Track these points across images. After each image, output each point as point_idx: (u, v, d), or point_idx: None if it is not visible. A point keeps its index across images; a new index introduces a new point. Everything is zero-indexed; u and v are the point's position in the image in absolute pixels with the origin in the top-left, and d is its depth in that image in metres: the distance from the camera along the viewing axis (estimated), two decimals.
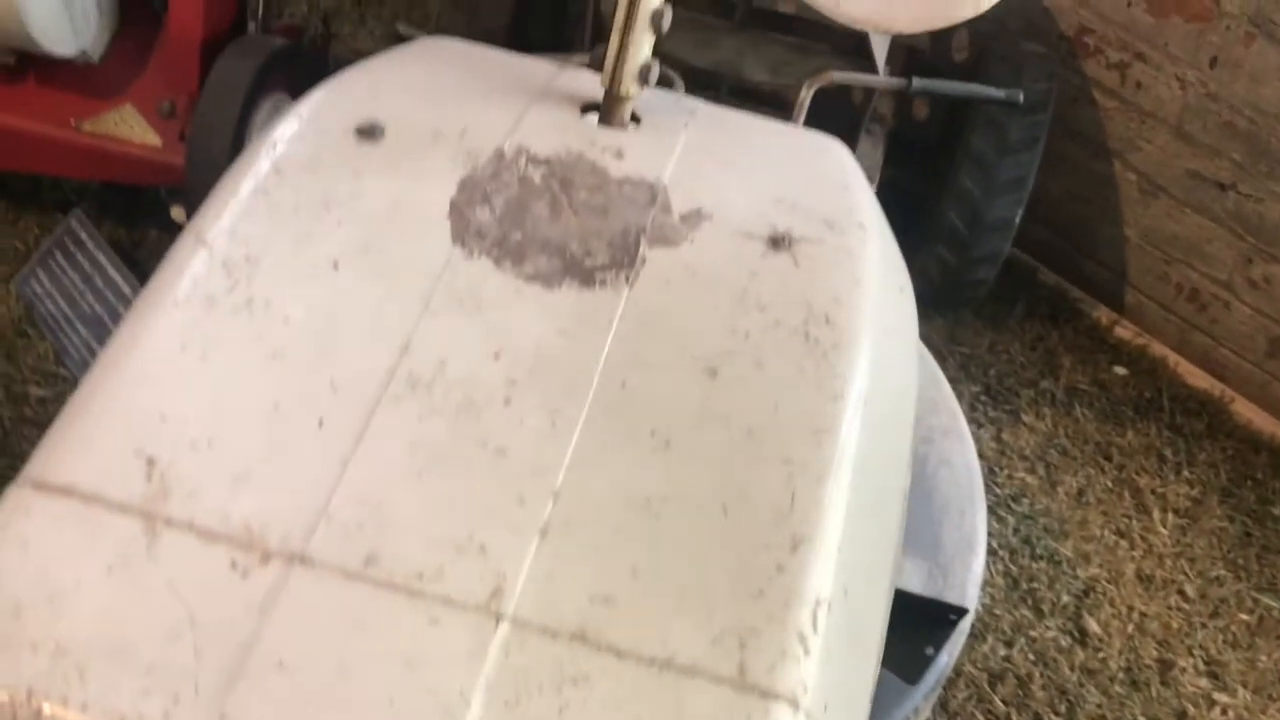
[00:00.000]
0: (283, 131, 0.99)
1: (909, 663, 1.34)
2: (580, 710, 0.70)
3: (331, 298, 0.88)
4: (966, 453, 1.83)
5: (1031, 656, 1.84)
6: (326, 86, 1.05)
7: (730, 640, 0.74)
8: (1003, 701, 1.75)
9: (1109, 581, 1.96)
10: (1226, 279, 2.25)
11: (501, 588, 0.75)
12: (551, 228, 0.96)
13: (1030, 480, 2.08)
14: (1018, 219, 2.06)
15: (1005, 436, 2.14)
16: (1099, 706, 1.77)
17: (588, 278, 0.93)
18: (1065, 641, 1.87)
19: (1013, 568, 1.96)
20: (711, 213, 0.99)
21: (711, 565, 0.78)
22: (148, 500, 0.76)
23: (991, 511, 2.04)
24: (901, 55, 2.42)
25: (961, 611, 1.56)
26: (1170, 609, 1.94)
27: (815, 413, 0.86)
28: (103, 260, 2.06)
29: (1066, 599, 1.92)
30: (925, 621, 1.61)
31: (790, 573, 0.78)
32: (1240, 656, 1.87)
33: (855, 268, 0.97)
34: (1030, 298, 2.39)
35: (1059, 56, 2.20)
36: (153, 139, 2.04)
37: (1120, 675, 1.82)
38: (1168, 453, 2.16)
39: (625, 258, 0.94)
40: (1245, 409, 2.27)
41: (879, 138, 2.03)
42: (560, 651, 0.72)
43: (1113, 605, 1.93)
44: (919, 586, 1.70)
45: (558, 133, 1.03)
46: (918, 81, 1.72)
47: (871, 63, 1.96)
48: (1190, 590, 1.97)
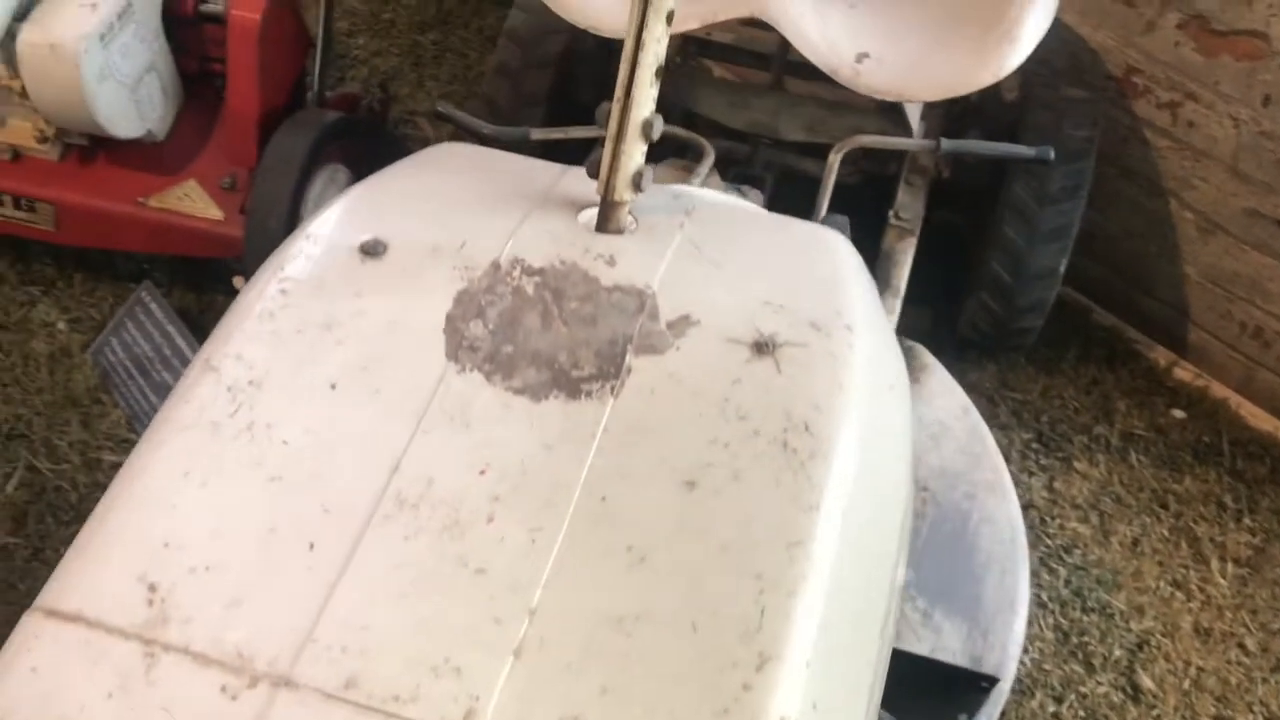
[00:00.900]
0: (291, 252, 1.05)
1: None
2: None
3: (328, 419, 0.93)
4: (1010, 509, 1.83)
5: (1082, 713, 1.82)
6: (336, 205, 1.10)
7: None
8: None
9: (1164, 635, 1.93)
10: None
11: (474, 709, 0.79)
12: (542, 339, 1.00)
13: (1083, 530, 2.06)
14: (1062, 268, 2.04)
15: (1057, 485, 2.11)
16: None
17: (574, 390, 0.97)
18: (1117, 698, 1.84)
19: (1063, 621, 1.93)
20: (699, 318, 1.02)
21: (680, 684, 0.81)
22: (148, 626, 0.82)
23: (1042, 563, 2.02)
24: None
25: (993, 680, 1.56)
26: (1229, 663, 1.90)
27: (788, 525, 0.88)
28: (171, 330, 2.16)
29: (1119, 653, 1.90)
30: (959, 688, 1.61)
31: (757, 691, 0.80)
32: None
33: (838, 372, 0.99)
34: (1085, 340, 2.36)
35: (1105, 99, 2.17)
36: (215, 212, 2.14)
37: None
38: (1228, 499, 2.11)
39: (611, 368, 0.98)
40: None
41: (920, 188, 2.03)
42: None
43: (1168, 660, 1.90)
44: (958, 647, 1.71)
45: (553, 241, 1.07)
46: (946, 143, 1.73)
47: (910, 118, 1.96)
48: (1251, 644, 1.93)
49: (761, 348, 1.00)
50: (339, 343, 0.98)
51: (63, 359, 2.21)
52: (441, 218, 1.09)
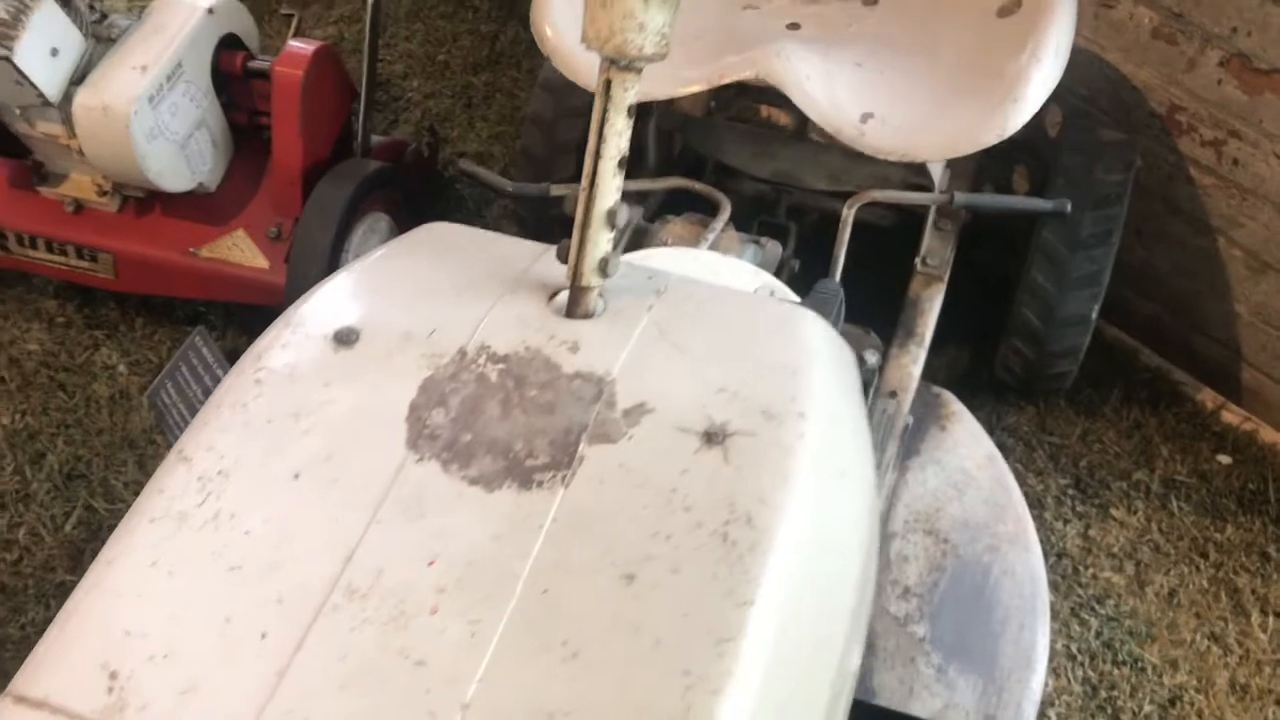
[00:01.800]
0: (268, 341, 1.10)
1: None
2: None
3: (290, 509, 0.98)
4: (1032, 562, 1.81)
5: None
6: (316, 292, 1.15)
7: None
8: None
9: (1198, 690, 1.88)
10: None
11: None
12: (500, 427, 1.03)
13: (1117, 579, 2.02)
14: (1094, 314, 2.00)
15: (1093, 532, 2.08)
16: None
17: (527, 479, 1.00)
18: None
19: (1092, 674, 1.91)
20: (654, 406, 1.04)
21: None
22: (106, 713, 0.87)
23: (1073, 613, 1.99)
24: None
25: None
26: None
27: (720, 621, 0.90)
28: (220, 374, 2.23)
29: (1149, 709, 1.86)
30: None
31: None
32: None
33: (785, 463, 1.00)
34: (1129, 382, 2.31)
35: (1142, 141, 2.14)
36: (261, 262, 2.22)
37: None
38: (1272, 550, 2.06)
39: (565, 457, 1.00)
40: None
41: (949, 233, 2.01)
42: None
43: (1200, 717, 1.85)
44: (971, 705, 1.70)
45: (520, 327, 1.10)
46: (959, 197, 1.73)
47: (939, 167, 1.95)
48: None
49: (712, 437, 1.01)
50: (305, 433, 1.02)
51: (122, 401, 2.32)
52: (415, 304, 1.13)
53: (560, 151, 2.13)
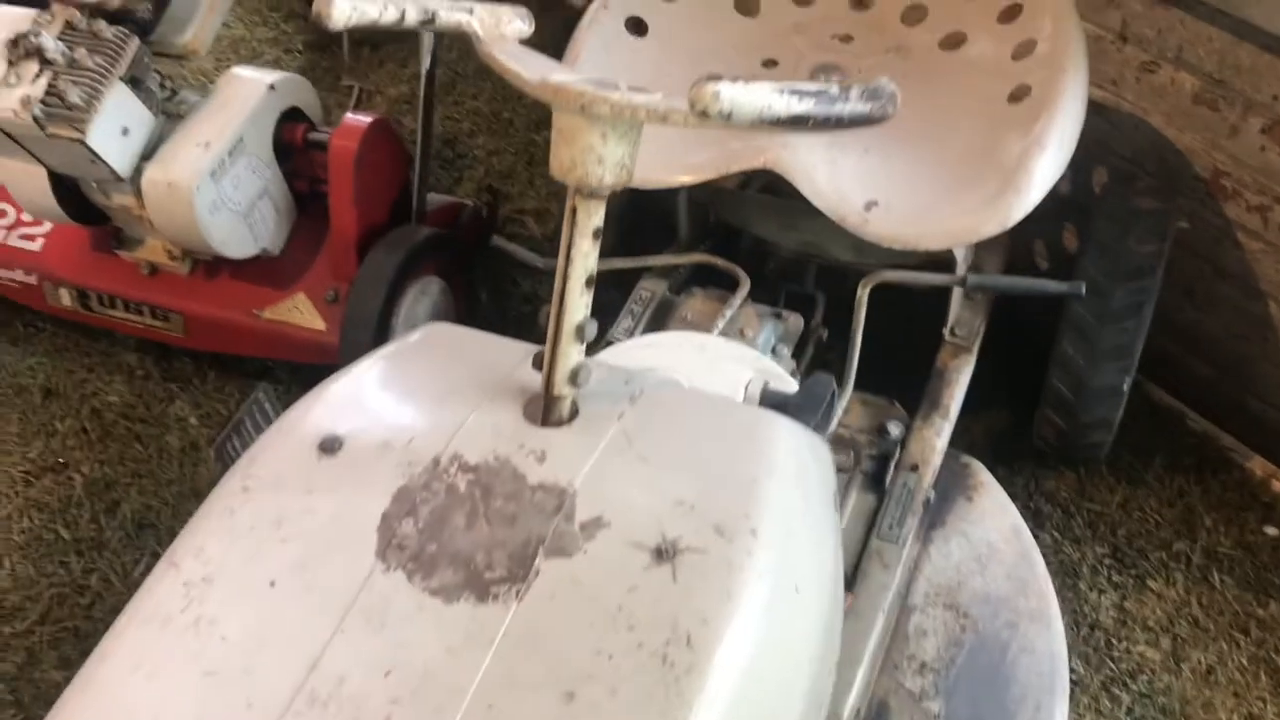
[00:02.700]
0: (260, 446, 1.17)
1: None
2: None
3: (265, 615, 1.05)
4: (1053, 640, 1.81)
5: None
6: (305, 399, 1.23)
7: None
8: None
9: None
10: None
11: None
12: (464, 538, 1.09)
13: (1152, 654, 1.99)
14: (1126, 386, 1.98)
15: (1129, 605, 2.06)
16: None
17: (484, 592, 1.05)
18: None
19: None
20: (610, 519, 1.09)
21: None
22: None
23: (1104, 688, 1.97)
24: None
25: None
26: None
27: None
28: None
29: None
30: None
31: None
32: None
33: (731, 581, 1.04)
34: (1174, 448, 2.28)
35: (1183, 207, 2.10)
36: (319, 324, 2.33)
37: None
38: None
39: (521, 570, 1.06)
40: None
41: (979, 303, 2.02)
42: None
43: None
44: None
45: (493, 436, 1.16)
46: (972, 278, 1.74)
47: None
48: None
49: (662, 554, 1.06)
50: (284, 540, 1.10)
51: (191, 453, 2.45)
52: (399, 412, 1.20)
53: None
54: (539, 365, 1.19)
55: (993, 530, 1.92)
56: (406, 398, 1.22)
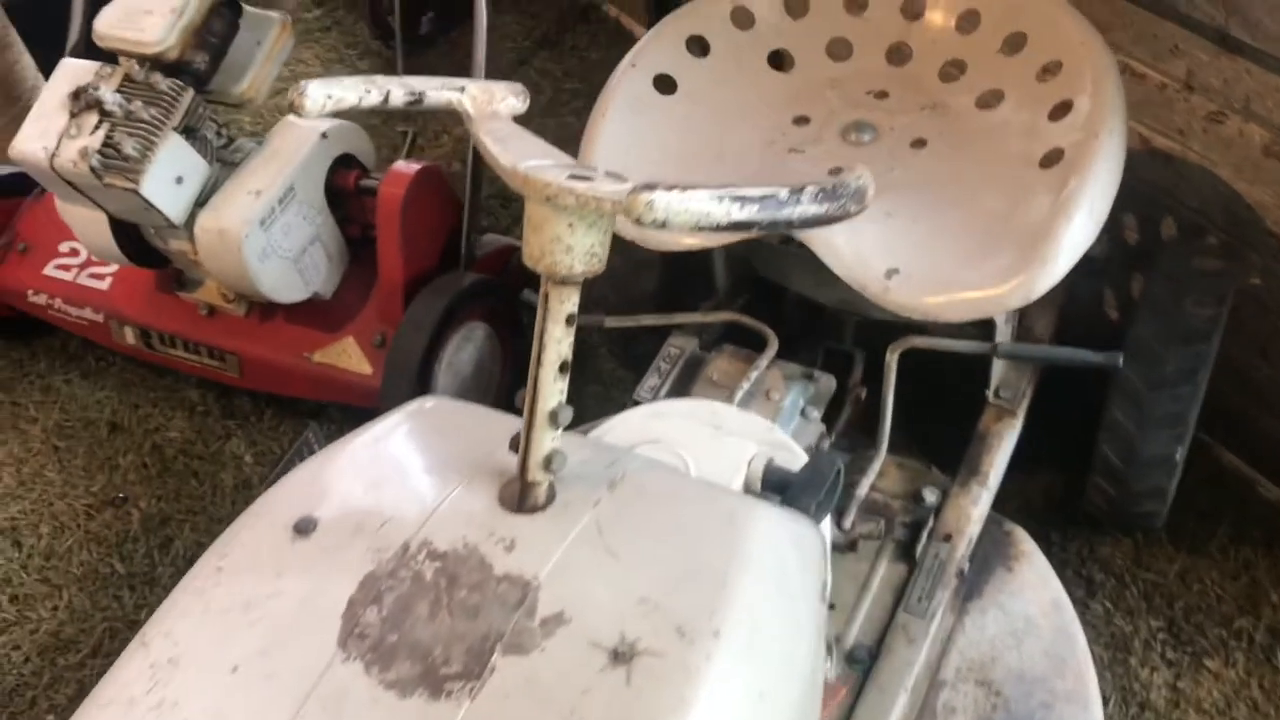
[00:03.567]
0: (236, 527, 1.18)
1: None
2: None
3: (225, 701, 1.05)
4: None
5: None
6: (287, 478, 1.23)
7: None
8: None
9: None
10: None
11: None
12: (425, 629, 1.08)
13: None
14: (1179, 456, 1.88)
15: (1183, 684, 1.95)
16: None
17: (438, 688, 1.04)
18: None
19: None
20: (572, 616, 1.06)
21: None
22: None
23: None
24: (1104, 239, 2.31)
25: None
26: None
27: None
28: None
29: None
30: None
31: None
32: None
33: (685, 688, 1.01)
34: (1241, 517, 2.16)
35: (1252, 263, 2.00)
36: (366, 368, 2.35)
37: None
38: None
39: (477, 667, 1.04)
40: None
41: (1026, 365, 1.94)
42: None
43: None
44: None
45: (464, 523, 1.15)
46: (1002, 347, 1.68)
47: None
48: None
49: (619, 655, 1.03)
50: (251, 624, 1.10)
51: (244, 490, 2.50)
52: (376, 493, 1.19)
53: (641, 302, 2.14)
54: (515, 447, 1.17)
55: (1032, 603, 1.85)
56: (386, 478, 1.22)
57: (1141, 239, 2.31)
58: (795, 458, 1.49)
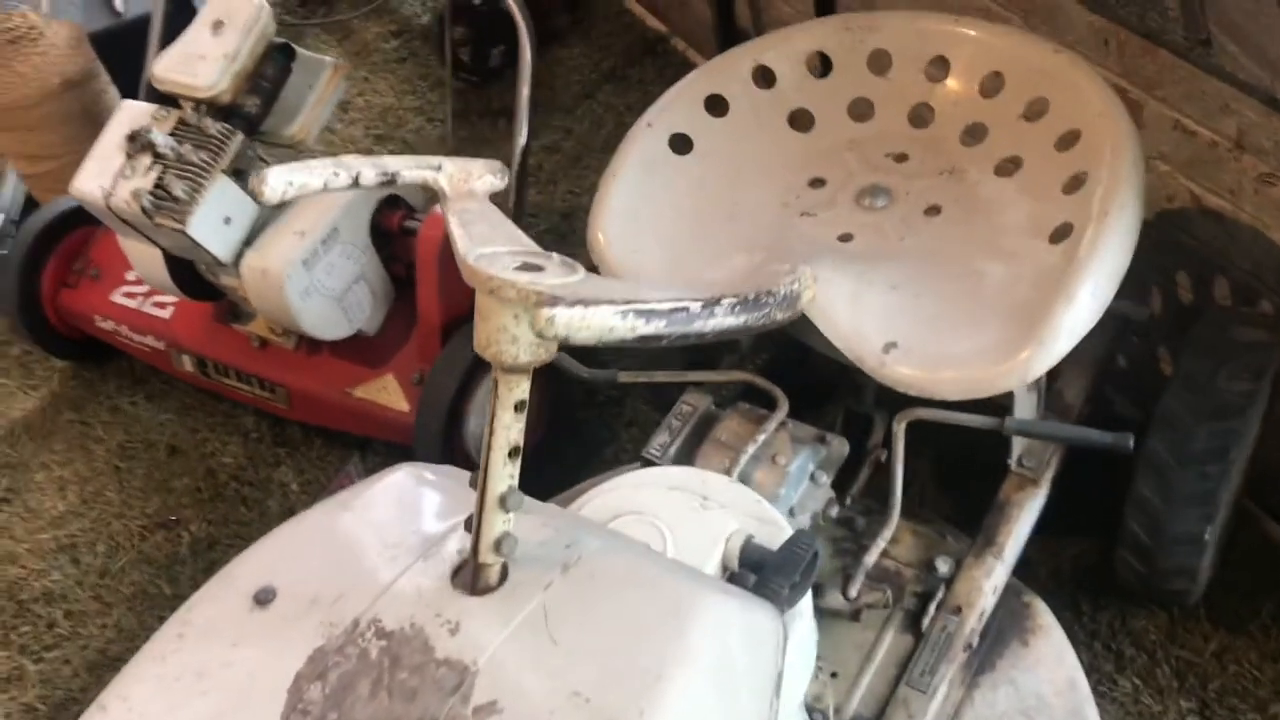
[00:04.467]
0: (200, 594, 1.22)
1: None
2: None
3: None
4: None
5: None
6: (254, 547, 1.26)
7: None
8: None
9: None
10: None
11: None
12: (365, 710, 1.10)
13: None
14: (1208, 535, 1.81)
15: None
16: None
17: None
18: None
19: None
20: (504, 707, 1.07)
21: None
22: None
23: None
24: (1160, 292, 2.25)
25: None
26: None
27: None
28: None
29: None
30: None
31: None
32: None
33: None
34: None
35: None
36: (403, 405, 2.40)
37: None
38: None
39: None
40: None
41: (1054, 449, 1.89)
42: None
43: None
44: None
45: (414, 601, 1.16)
46: (1010, 422, 1.64)
47: None
48: None
49: None
50: (204, 694, 1.13)
51: (288, 517, 2.55)
52: (336, 565, 1.22)
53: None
54: (469, 528, 1.19)
55: (1045, 681, 1.80)
56: (348, 550, 1.24)
57: (1195, 298, 2.23)
58: (780, 534, 1.47)
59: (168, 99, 2.34)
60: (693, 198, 1.76)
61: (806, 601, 1.45)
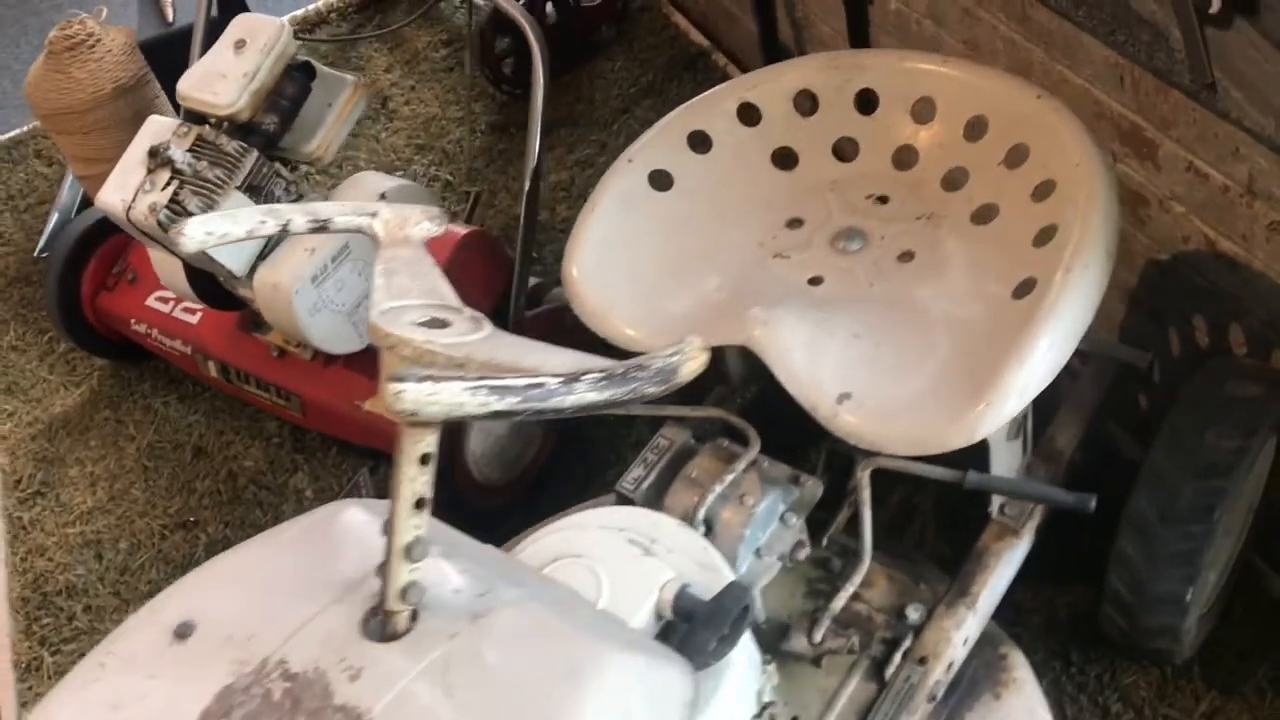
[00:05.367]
0: (126, 624, 1.25)
1: None
2: None
3: None
4: None
5: None
6: (182, 580, 1.29)
7: None
8: None
9: None
10: None
11: None
12: None
13: None
14: (1189, 596, 1.75)
15: None
16: None
17: None
18: None
19: None
20: None
21: None
22: None
23: None
24: (1178, 335, 2.18)
25: None
26: None
27: None
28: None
29: None
30: None
31: None
32: None
33: None
34: None
35: None
36: None
37: None
38: None
39: None
40: None
41: (1039, 476, 1.85)
42: None
43: None
44: None
45: (322, 644, 1.18)
46: (972, 477, 1.61)
47: None
48: None
49: None
50: None
51: None
52: (255, 602, 1.24)
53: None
54: (380, 574, 1.20)
55: None
56: (269, 588, 1.27)
57: (1211, 343, 2.16)
58: (720, 582, 1.47)
59: (198, 114, 2.40)
60: (669, 235, 1.76)
61: (744, 649, 1.44)
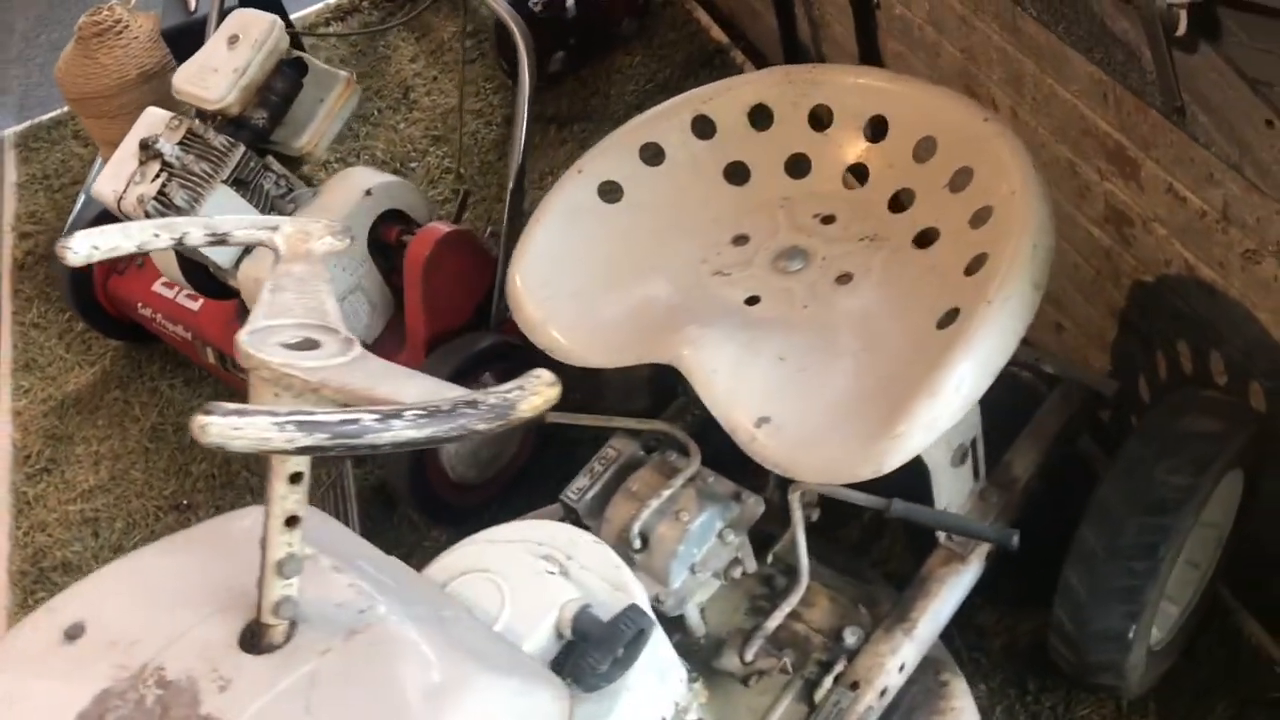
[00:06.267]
0: (24, 622, 1.28)
1: None
2: None
3: None
4: None
5: None
6: (83, 580, 1.32)
7: None
8: None
9: None
10: None
11: None
12: None
13: None
14: (1132, 634, 1.70)
15: None
16: None
17: None
18: None
19: None
20: None
21: None
22: None
23: None
24: (1164, 360, 2.13)
25: None
26: None
27: None
28: (350, 508, 2.52)
29: None
30: None
31: None
32: None
33: None
34: (1248, 699, 1.91)
35: (1244, 434, 1.75)
36: None
37: None
38: None
39: None
40: None
41: (994, 506, 1.81)
42: None
43: None
44: None
45: (199, 653, 1.20)
46: (897, 505, 1.59)
47: None
48: None
49: None
50: None
51: None
52: (144, 608, 1.27)
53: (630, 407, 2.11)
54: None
55: None
56: (160, 593, 1.29)
57: (1194, 370, 2.10)
58: (631, 598, 1.46)
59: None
60: (614, 248, 1.75)
61: (649, 669, 1.44)
